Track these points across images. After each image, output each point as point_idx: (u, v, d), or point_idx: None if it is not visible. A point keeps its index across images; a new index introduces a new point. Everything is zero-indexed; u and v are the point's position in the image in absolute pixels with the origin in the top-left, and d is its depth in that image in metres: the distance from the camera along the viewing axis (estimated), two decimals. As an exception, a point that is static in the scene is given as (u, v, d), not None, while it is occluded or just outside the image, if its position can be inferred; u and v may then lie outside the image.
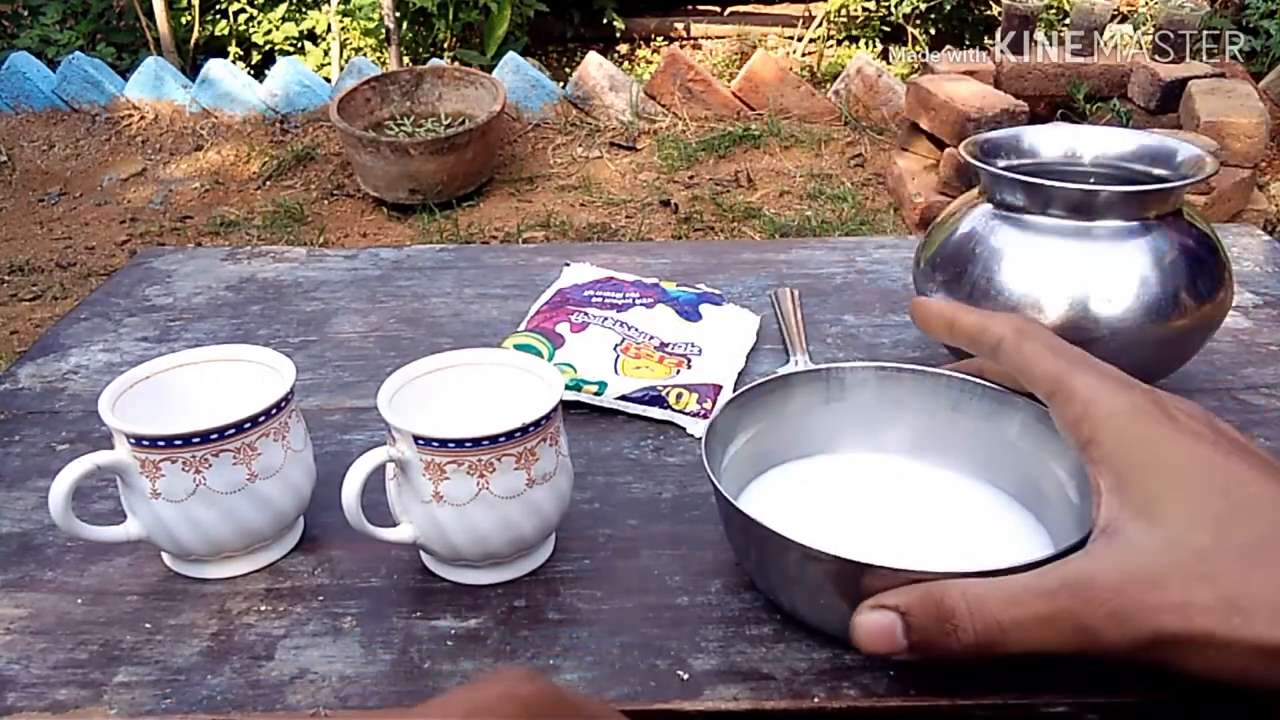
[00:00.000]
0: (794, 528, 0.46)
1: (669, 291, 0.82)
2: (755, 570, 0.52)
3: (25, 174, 3.53)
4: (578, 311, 0.78)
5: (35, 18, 4.14)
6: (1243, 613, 0.34)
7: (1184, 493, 0.37)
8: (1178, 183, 0.64)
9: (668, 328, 0.77)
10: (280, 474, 0.55)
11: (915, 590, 0.38)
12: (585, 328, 0.75)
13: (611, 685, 0.48)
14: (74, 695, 0.48)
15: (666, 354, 0.73)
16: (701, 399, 0.69)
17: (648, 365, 0.72)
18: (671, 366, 0.72)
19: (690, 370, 0.72)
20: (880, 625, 0.37)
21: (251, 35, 4.18)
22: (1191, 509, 0.36)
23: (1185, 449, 0.38)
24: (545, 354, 0.72)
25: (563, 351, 0.73)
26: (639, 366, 0.72)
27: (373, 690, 0.48)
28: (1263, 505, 0.36)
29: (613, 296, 0.80)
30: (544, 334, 0.74)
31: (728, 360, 0.75)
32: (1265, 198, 2.91)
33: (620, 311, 0.78)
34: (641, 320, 0.77)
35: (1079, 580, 0.37)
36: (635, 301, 0.80)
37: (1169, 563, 0.36)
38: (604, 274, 0.86)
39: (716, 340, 0.76)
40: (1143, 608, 0.35)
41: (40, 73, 3.77)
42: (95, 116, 3.71)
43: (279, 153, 3.52)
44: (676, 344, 0.75)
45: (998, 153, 0.70)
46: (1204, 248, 0.65)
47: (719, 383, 0.71)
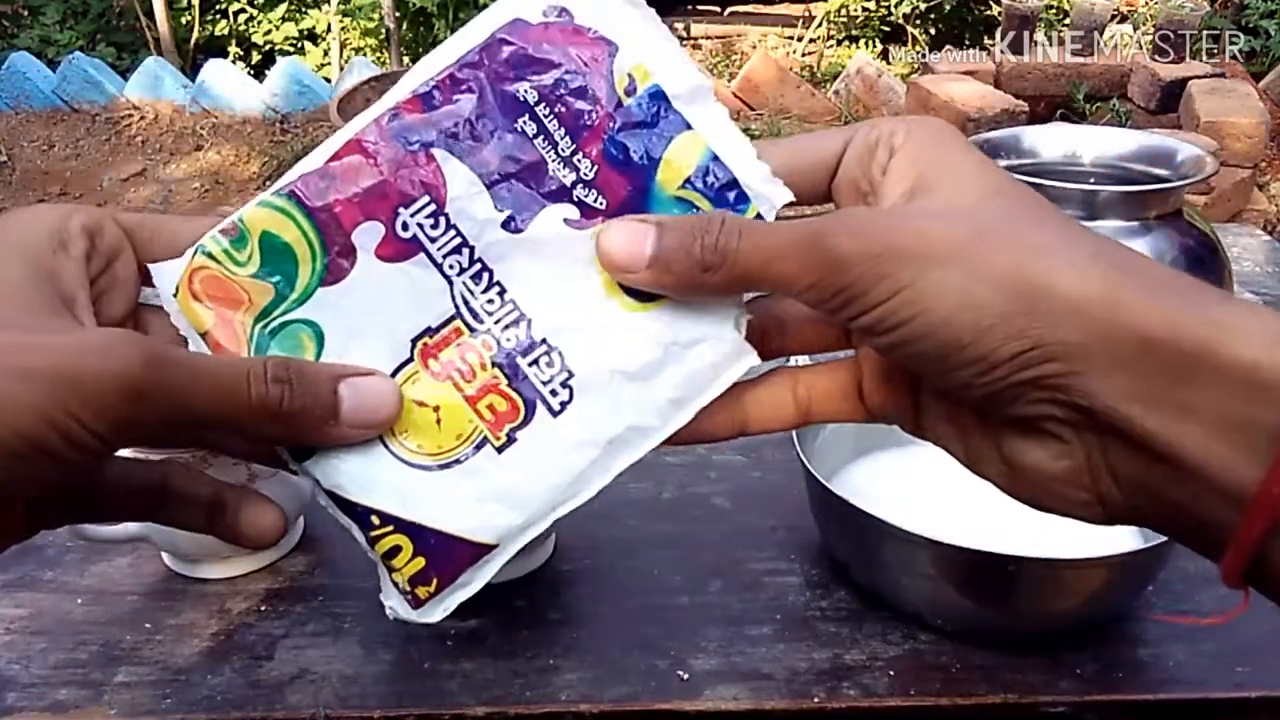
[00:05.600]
0: (882, 510, 0.49)
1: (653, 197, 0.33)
2: (845, 553, 0.54)
3: (25, 174, 3.54)
4: (430, 191, 0.33)
5: (35, 18, 4.14)
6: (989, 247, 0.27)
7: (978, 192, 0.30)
8: (1178, 183, 0.64)
9: (567, 303, 0.34)
10: (280, 474, 0.55)
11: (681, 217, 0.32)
12: (409, 256, 0.33)
13: (611, 685, 0.48)
14: (74, 695, 0.48)
15: (504, 384, 0.34)
16: (427, 571, 0.34)
17: (447, 404, 0.34)
18: (479, 426, 0.34)
19: (491, 459, 0.34)
20: (633, 229, 0.31)
21: (251, 35, 4.18)
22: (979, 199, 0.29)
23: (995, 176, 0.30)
24: (298, 286, 0.33)
25: (325, 297, 0.33)
26: (425, 404, 0.34)
27: (373, 690, 0.48)
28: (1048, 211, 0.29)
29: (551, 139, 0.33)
30: (324, 233, 0.33)
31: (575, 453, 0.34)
32: (1265, 198, 2.91)
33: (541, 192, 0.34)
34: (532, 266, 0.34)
35: (845, 214, 0.31)
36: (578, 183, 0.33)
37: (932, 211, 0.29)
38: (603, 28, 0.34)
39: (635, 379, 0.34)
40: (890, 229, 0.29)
41: (40, 73, 3.76)
42: (95, 116, 3.71)
43: (279, 153, 3.52)
44: (541, 353, 0.34)
45: (998, 153, 0.70)
46: (1204, 248, 0.65)
47: (484, 540, 0.34)
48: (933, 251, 0.27)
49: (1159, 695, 0.48)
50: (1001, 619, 0.50)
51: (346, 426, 0.31)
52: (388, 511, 0.33)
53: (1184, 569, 0.55)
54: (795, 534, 0.58)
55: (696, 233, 0.30)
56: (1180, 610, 0.50)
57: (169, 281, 0.32)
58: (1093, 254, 0.27)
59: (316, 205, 0.33)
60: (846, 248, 0.28)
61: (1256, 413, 0.24)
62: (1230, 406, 0.25)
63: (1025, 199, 0.29)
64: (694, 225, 0.30)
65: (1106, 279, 0.26)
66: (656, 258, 0.30)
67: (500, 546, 0.34)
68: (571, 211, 0.34)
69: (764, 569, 0.56)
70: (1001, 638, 0.50)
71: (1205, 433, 0.25)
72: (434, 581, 0.34)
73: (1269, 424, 0.24)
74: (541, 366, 0.34)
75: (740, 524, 0.60)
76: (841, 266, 0.28)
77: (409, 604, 0.34)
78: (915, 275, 0.27)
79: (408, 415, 0.33)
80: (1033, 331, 0.26)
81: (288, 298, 0.33)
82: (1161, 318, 0.25)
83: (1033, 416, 0.28)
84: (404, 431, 0.33)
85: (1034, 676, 0.48)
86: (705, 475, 0.64)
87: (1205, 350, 0.25)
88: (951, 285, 0.27)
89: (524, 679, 0.49)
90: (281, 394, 0.29)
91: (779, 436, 0.68)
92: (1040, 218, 0.28)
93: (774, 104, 3.61)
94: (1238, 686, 0.48)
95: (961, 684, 0.48)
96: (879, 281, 0.28)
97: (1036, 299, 0.26)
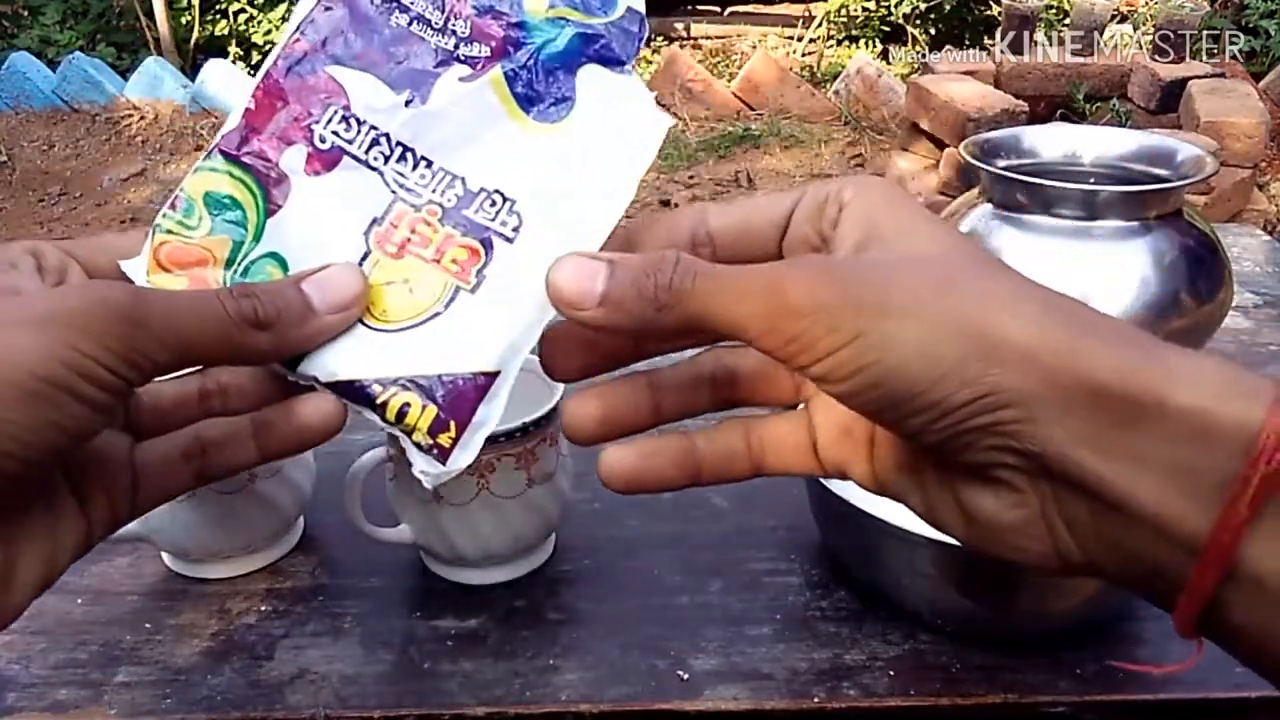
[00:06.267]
0: (882, 509, 0.48)
1: (528, 26, 0.38)
2: (845, 552, 0.54)
3: (25, 174, 3.53)
4: (333, 100, 0.37)
5: (35, 18, 4.14)
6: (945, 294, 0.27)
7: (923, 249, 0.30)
8: (1178, 183, 0.64)
9: (487, 147, 0.37)
10: (280, 474, 0.55)
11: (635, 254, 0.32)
12: (335, 162, 0.37)
13: (611, 685, 0.48)
14: (74, 695, 0.48)
15: (458, 236, 0.37)
16: (441, 419, 0.35)
17: (414, 274, 0.36)
18: (448, 280, 0.36)
19: (470, 299, 0.36)
20: (582, 266, 0.31)
21: (251, 35, 4.18)
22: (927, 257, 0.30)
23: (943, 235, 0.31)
24: (250, 227, 0.36)
25: (275, 226, 0.36)
26: (393, 282, 0.36)
27: (373, 690, 0.48)
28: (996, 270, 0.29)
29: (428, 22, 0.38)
30: (255, 174, 0.37)
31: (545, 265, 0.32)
32: (1265, 198, 2.91)
33: (431, 68, 0.37)
34: (445, 127, 0.38)
35: (803, 261, 0.31)
36: (459, 47, 0.38)
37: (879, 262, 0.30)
38: None
39: (565, 188, 0.37)
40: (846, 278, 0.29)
41: (40, 73, 3.77)
42: (95, 116, 3.71)
43: (279, 153, 3.52)
44: (483, 196, 0.37)
45: (998, 153, 0.70)
46: (1204, 248, 0.65)
47: (485, 367, 0.36)
48: (889, 301, 0.27)
49: (1159, 695, 0.48)
50: (1001, 619, 0.50)
51: (325, 315, 0.33)
52: (386, 376, 0.35)
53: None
54: (795, 534, 0.58)
55: (650, 271, 0.30)
56: (1140, 660, 0.49)
57: (139, 270, 0.34)
58: (1045, 306, 0.27)
59: (242, 153, 0.36)
60: (801, 295, 0.28)
61: (1205, 460, 0.24)
62: (1180, 454, 0.25)
63: (976, 253, 0.29)
64: (646, 264, 0.30)
65: (1059, 328, 0.26)
66: (607, 295, 0.30)
67: (502, 371, 0.36)
68: (462, 70, 0.37)
69: (764, 569, 0.56)
70: (1001, 638, 0.50)
71: (1157, 480, 0.25)
72: (451, 426, 0.36)
73: (1218, 471, 0.24)
74: (486, 209, 0.37)
75: (740, 524, 0.60)
76: (795, 313, 0.28)
77: (437, 459, 0.35)
78: (869, 325, 0.27)
79: (382, 299, 0.36)
80: (986, 379, 0.26)
81: (244, 241, 0.35)
82: (1112, 366, 0.25)
83: (986, 464, 0.28)
84: (383, 312, 0.36)
85: (1034, 676, 0.48)
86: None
87: (1155, 398, 0.25)
88: (908, 334, 0.27)
89: (524, 679, 0.49)
90: (253, 307, 0.31)
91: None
92: (992, 271, 0.28)
93: (774, 104, 3.61)
94: (1238, 686, 0.48)
95: (961, 684, 0.48)
96: (832, 331, 0.27)
97: (990, 347, 0.26)
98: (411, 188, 0.37)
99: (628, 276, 0.30)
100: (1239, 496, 0.23)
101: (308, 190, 0.36)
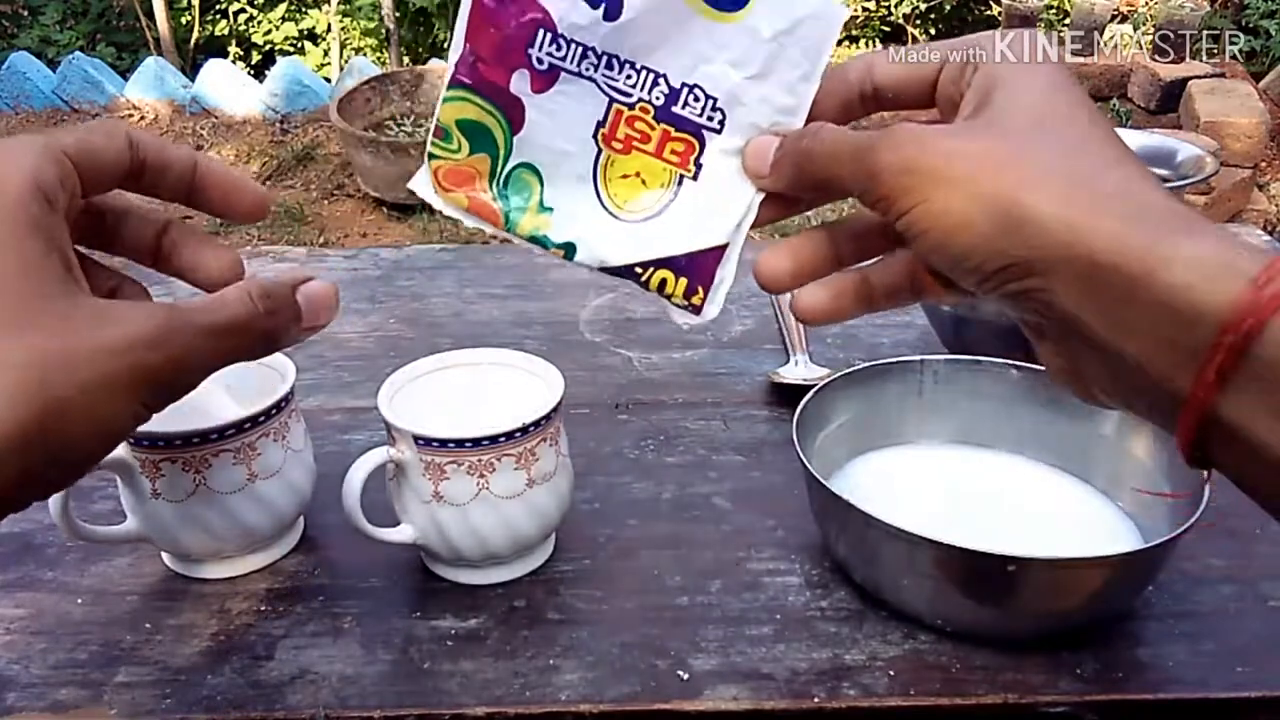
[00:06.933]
0: (882, 510, 0.49)
1: None
2: (845, 552, 0.54)
3: (25, 174, 3.53)
4: (541, 28, 0.42)
5: (35, 18, 4.14)
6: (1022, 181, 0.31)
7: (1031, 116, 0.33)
8: (1178, 183, 0.64)
9: (684, 43, 0.43)
10: (280, 474, 0.55)
11: None
12: (555, 79, 0.43)
13: (611, 685, 0.48)
14: (74, 695, 0.48)
15: (673, 131, 0.44)
16: (691, 286, 0.44)
17: (642, 167, 0.44)
18: (672, 170, 0.44)
19: (693, 185, 0.43)
20: (760, 144, 0.40)
21: (251, 35, 4.18)
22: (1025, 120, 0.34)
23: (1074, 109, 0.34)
24: (500, 145, 0.43)
25: (521, 142, 0.43)
26: (628, 175, 0.44)
27: (373, 690, 0.48)
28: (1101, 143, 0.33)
29: None
30: (493, 99, 0.43)
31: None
32: (1265, 198, 2.91)
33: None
34: (644, 32, 0.43)
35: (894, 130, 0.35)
36: None
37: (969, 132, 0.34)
38: None
39: (757, 75, 0.43)
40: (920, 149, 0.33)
41: (40, 73, 3.76)
42: (95, 116, 3.71)
43: (279, 153, 3.52)
44: (687, 92, 0.43)
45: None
46: (1204, 248, 0.65)
47: (717, 242, 0.44)
48: (948, 173, 0.32)
49: (1159, 695, 0.48)
50: (1001, 619, 0.50)
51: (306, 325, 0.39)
52: (644, 259, 0.43)
53: (1184, 569, 0.55)
54: (795, 534, 0.58)
55: (796, 140, 0.38)
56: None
57: (425, 186, 0.41)
58: (1073, 183, 0.31)
59: (476, 81, 0.42)
60: (884, 162, 0.33)
61: (1186, 332, 0.28)
62: (1164, 324, 0.29)
63: (1063, 130, 0.32)
64: (797, 136, 0.38)
65: (1078, 205, 0.30)
66: (776, 165, 0.39)
67: (730, 243, 0.43)
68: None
69: (764, 569, 0.56)
70: (1001, 638, 0.50)
71: (1146, 345, 0.29)
72: (699, 290, 0.44)
73: (1196, 341, 0.28)
74: (691, 104, 0.43)
75: (740, 524, 0.60)
76: (879, 178, 0.33)
77: (693, 314, 0.44)
78: (930, 193, 0.32)
79: (622, 190, 0.44)
80: (1011, 251, 0.31)
81: (498, 157, 0.42)
82: (1113, 244, 0.29)
83: (1029, 321, 0.33)
84: (625, 202, 0.44)
85: (1034, 676, 0.48)
86: (705, 475, 0.64)
87: (1145, 274, 0.29)
88: (955, 205, 0.32)
89: (524, 679, 0.49)
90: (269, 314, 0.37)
91: (779, 436, 0.68)
92: (1063, 147, 0.32)
93: (774, 104, 3.61)
94: (1237, 686, 0.48)
95: (961, 684, 0.48)
96: (904, 194, 0.33)
97: (1016, 222, 0.31)
98: (623, 89, 0.43)
99: (784, 149, 0.38)
100: (1208, 363, 0.28)
101: (538, 107, 0.42)
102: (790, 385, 0.72)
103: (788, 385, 0.73)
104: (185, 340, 0.34)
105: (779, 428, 0.69)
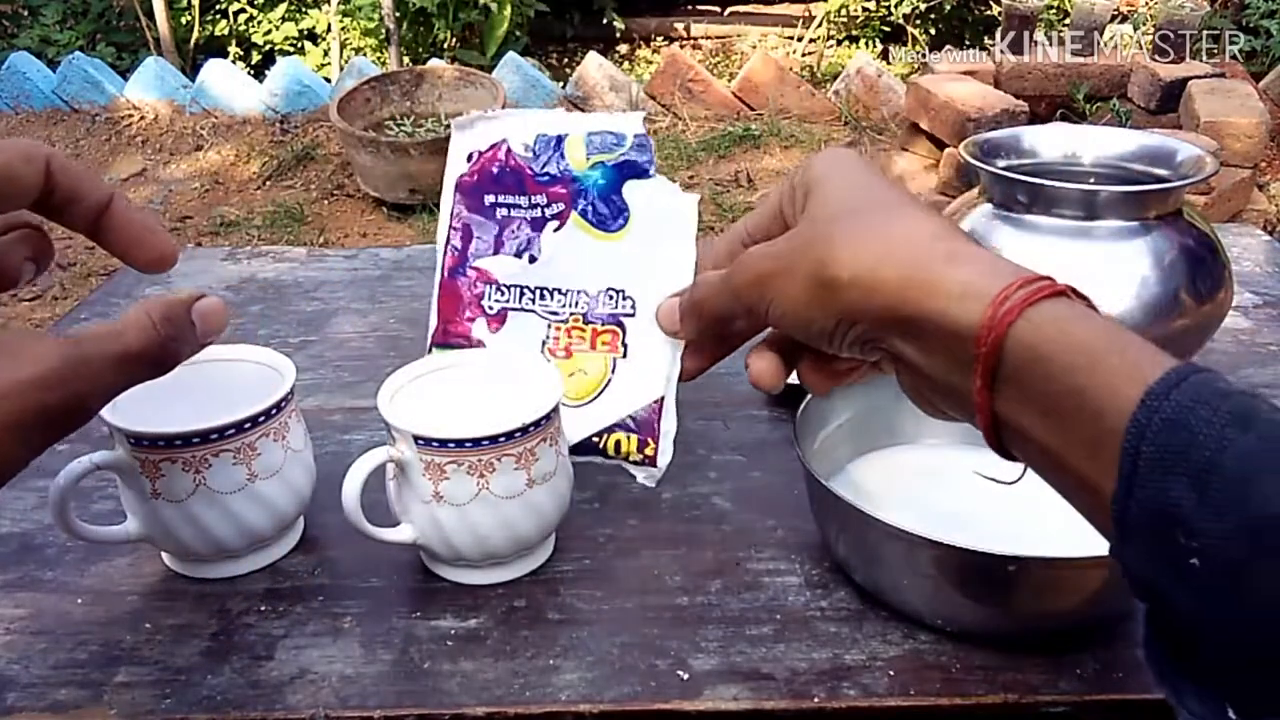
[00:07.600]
0: (882, 510, 0.49)
1: (580, 178, 0.61)
2: (845, 552, 0.54)
3: (25, 174, 3.53)
4: (488, 284, 0.62)
5: (35, 18, 4.13)
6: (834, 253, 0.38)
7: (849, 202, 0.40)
8: (1178, 183, 0.64)
9: (589, 264, 0.61)
10: (280, 474, 0.55)
11: None
12: (504, 319, 0.61)
13: (611, 685, 0.48)
14: (74, 695, 0.48)
15: (599, 326, 0.61)
16: (642, 440, 0.61)
17: (584, 363, 0.61)
18: (605, 357, 0.60)
19: (625, 362, 0.60)
20: (667, 307, 0.49)
21: (251, 35, 4.18)
22: None
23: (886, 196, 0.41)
24: None
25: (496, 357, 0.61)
26: (574, 373, 0.61)
27: (373, 690, 0.48)
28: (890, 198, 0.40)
29: (519, 206, 0.62)
30: (462, 350, 0.59)
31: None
32: (1265, 198, 2.91)
33: (533, 234, 0.62)
34: (559, 265, 0.61)
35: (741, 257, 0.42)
36: (544, 211, 0.62)
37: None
38: (496, 136, 0.64)
39: (648, 267, 0.60)
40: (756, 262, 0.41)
41: (40, 73, 3.76)
42: (95, 117, 3.71)
43: (279, 153, 3.51)
44: (602, 296, 0.61)
45: (998, 153, 0.70)
46: (1204, 248, 0.65)
47: (656, 395, 0.60)
48: (778, 268, 0.40)
49: (1159, 695, 0.48)
50: (1001, 619, 0.50)
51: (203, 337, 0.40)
52: (599, 428, 0.60)
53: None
54: (795, 534, 0.58)
55: (688, 293, 0.47)
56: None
57: None
58: (873, 240, 0.37)
59: (448, 340, 0.62)
60: (738, 282, 0.42)
61: (961, 351, 0.34)
62: (950, 348, 0.35)
63: (860, 208, 0.39)
64: (688, 289, 0.47)
65: (864, 262, 0.37)
66: (682, 319, 0.48)
67: (665, 394, 0.60)
68: (554, 224, 0.61)
69: (764, 569, 0.56)
70: (1001, 638, 0.50)
71: (941, 364, 0.36)
72: (649, 443, 0.60)
73: (964, 354, 0.34)
74: (607, 303, 0.60)
75: (740, 524, 0.60)
76: (741, 296, 0.42)
77: (650, 466, 0.60)
78: (774, 289, 0.40)
79: (571, 386, 0.59)
80: (835, 311, 0.38)
81: None
82: (898, 292, 0.36)
83: (877, 361, 0.40)
84: (574, 396, 0.60)
85: (1034, 676, 0.48)
86: (705, 475, 0.64)
87: (918, 311, 0.35)
88: (790, 290, 0.39)
89: (524, 679, 0.49)
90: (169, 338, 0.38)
91: (779, 436, 0.68)
92: (859, 221, 0.38)
93: (774, 104, 3.61)
94: (1238, 686, 0.48)
95: (961, 684, 0.48)
96: (760, 299, 0.41)
97: (828, 289, 0.38)
98: (555, 310, 0.61)
99: (683, 305, 0.48)
100: (974, 373, 0.34)
101: (501, 339, 0.60)
102: (791, 385, 0.72)
103: (788, 385, 0.72)
104: (90, 373, 0.34)
105: (779, 428, 0.69)
